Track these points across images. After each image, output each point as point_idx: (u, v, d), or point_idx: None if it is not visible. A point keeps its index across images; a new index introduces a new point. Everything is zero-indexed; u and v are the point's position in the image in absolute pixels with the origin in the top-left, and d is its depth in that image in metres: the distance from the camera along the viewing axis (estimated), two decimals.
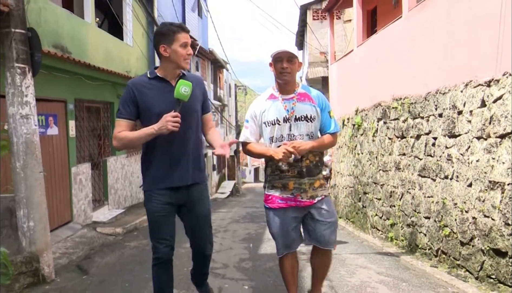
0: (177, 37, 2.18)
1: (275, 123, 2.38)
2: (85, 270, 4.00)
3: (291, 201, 2.37)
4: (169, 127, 2.06)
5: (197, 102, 2.30)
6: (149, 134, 2.13)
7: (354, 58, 7.71)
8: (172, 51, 2.18)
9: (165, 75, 2.25)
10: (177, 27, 2.22)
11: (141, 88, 2.21)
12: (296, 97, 2.39)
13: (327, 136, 2.42)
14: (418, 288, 3.18)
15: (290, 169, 2.36)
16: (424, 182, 4.38)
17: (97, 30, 7.48)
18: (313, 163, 2.39)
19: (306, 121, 2.36)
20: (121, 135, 2.21)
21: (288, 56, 2.35)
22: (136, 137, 2.19)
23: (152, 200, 2.24)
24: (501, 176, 3.09)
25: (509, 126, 3.03)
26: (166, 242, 2.24)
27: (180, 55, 2.18)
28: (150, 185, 2.26)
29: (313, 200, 2.37)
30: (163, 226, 2.26)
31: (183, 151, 2.24)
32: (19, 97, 3.55)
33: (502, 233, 3.05)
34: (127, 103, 2.22)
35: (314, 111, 2.38)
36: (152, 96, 2.20)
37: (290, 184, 2.36)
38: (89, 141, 7.19)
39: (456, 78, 3.83)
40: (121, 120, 2.22)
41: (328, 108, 2.44)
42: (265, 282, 3.39)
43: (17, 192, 3.57)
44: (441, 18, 4.18)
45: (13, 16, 3.50)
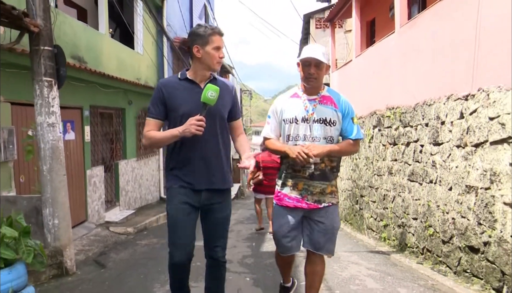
0: (211, 40, 2.18)
1: (292, 121, 2.36)
2: (103, 264, 4.41)
3: (298, 201, 2.35)
4: (193, 131, 2.06)
5: (225, 108, 2.28)
6: (173, 136, 2.14)
7: (353, 67, 8.09)
8: (204, 52, 2.18)
9: (195, 77, 2.25)
10: (212, 29, 2.21)
11: (170, 89, 2.23)
12: (319, 99, 2.36)
13: (347, 142, 2.37)
14: (401, 281, 3.55)
15: (302, 170, 2.34)
16: (413, 185, 4.74)
17: (110, 41, 7.94)
18: (328, 168, 2.36)
19: (325, 124, 2.33)
20: (149, 134, 2.23)
21: (316, 62, 2.30)
22: (161, 138, 2.21)
23: (173, 198, 2.22)
24: (475, 181, 3.45)
25: (482, 136, 3.39)
26: (183, 247, 2.19)
27: (212, 57, 2.18)
28: (172, 183, 2.26)
29: (319, 204, 2.35)
30: (182, 228, 2.20)
31: (207, 155, 2.21)
32: (46, 108, 3.98)
33: (476, 232, 3.41)
34: (156, 103, 2.24)
35: (335, 116, 2.34)
36: (179, 97, 2.21)
37: (300, 184, 2.35)
38: (102, 146, 7.63)
39: (440, 92, 4.20)
40: (151, 119, 2.24)
41: (351, 114, 2.38)
42: (265, 275, 3.78)
43: (44, 192, 4.00)
44: (428, 37, 4.56)
45: (42, 36, 3.94)
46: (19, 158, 4.74)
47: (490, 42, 3.39)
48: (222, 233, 2.32)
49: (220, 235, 2.31)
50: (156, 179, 10.20)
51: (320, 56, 2.29)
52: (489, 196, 3.25)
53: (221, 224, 2.31)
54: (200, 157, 2.21)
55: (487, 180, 3.28)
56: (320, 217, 2.36)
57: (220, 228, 2.31)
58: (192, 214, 2.23)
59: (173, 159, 2.26)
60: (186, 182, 2.21)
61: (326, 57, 2.32)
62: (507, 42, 3.16)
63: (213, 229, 2.29)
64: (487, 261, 3.24)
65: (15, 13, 3.52)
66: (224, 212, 2.32)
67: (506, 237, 3.03)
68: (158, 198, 10.16)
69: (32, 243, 2.68)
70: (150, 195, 9.80)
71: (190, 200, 2.21)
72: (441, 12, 4.29)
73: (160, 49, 10.29)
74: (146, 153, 9.59)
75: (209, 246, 2.30)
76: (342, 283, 3.44)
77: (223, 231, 2.34)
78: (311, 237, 2.38)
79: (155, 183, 10.15)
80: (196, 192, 2.22)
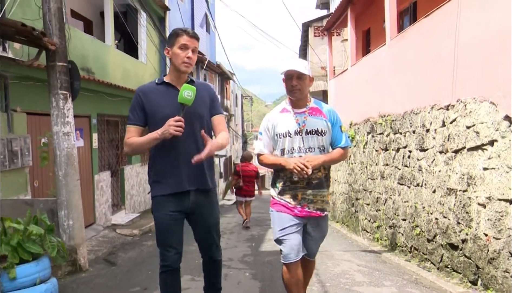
0: (177, 40, 2.18)
1: (286, 135, 2.42)
2: (113, 262, 4.73)
3: (298, 210, 2.40)
4: (171, 131, 2.05)
5: (204, 106, 2.27)
6: (153, 139, 2.13)
7: (349, 76, 8.44)
8: (172, 53, 2.19)
9: (171, 80, 2.25)
10: (181, 30, 2.22)
11: (147, 94, 2.23)
12: (308, 112, 2.43)
13: (338, 150, 2.46)
14: (387, 275, 3.86)
15: (300, 181, 2.40)
16: (402, 189, 5.06)
17: (116, 52, 8.31)
18: (323, 175, 2.44)
19: (317, 135, 2.40)
20: (130, 141, 2.22)
21: (297, 74, 2.36)
22: (142, 142, 2.19)
23: (159, 207, 2.23)
24: (455, 184, 3.78)
25: (460, 143, 3.72)
26: (174, 250, 2.22)
27: (177, 57, 2.17)
28: (157, 191, 2.25)
29: (322, 213, 2.42)
30: (171, 234, 2.22)
31: (188, 156, 2.15)
32: (62, 118, 4.33)
33: (455, 230, 3.73)
34: (135, 109, 2.24)
35: (325, 126, 2.42)
36: (157, 101, 2.20)
37: (299, 195, 2.40)
38: (109, 152, 7.98)
39: (425, 101, 4.53)
40: (131, 126, 2.24)
41: (339, 123, 2.48)
42: (263, 271, 4.10)
43: (59, 195, 4.33)
44: (414, 50, 4.91)
45: (58, 53, 4.29)
46: (34, 164, 5.08)
47: (466, 58, 3.73)
48: (214, 237, 2.35)
49: (213, 240, 2.34)
50: None
51: (300, 69, 2.36)
52: (466, 198, 3.57)
53: (213, 228, 2.33)
54: (181, 159, 2.19)
55: (465, 183, 3.60)
56: (315, 227, 2.46)
57: (212, 233, 2.33)
58: (180, 220, 2.25)
59: (155, 166, 2.26)
60: (170, 186, 2.20)
61: (307, 70, 2.40)
62: (480, 58, 3.49)
63: (206, 235, 2.31)
64: (465, 256, 3.56)
65: (35, 34, 3.88)
66: (213, 217, 2.33)
67: (479, 234, 3.35)
68: None
69: (55, 240, 3.01)
70: None
71: (176, 207, 2.21)
72: (425, 28, 4.64)
73: (162, 58, 10.67)
74: None
75: (205, 248, 2.35)
76: (333, 277, 3.75)
77: (216, 234, 2.35)
78: (306, 244, 2.47)
79: None
80: (182, 196, 2.21)
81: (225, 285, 2.38)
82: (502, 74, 3.16)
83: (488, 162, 3.26)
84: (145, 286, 3.58)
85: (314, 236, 2.48)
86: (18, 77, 4.85)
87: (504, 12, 3.13)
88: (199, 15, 15.08)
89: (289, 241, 2.39)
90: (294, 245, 2.38)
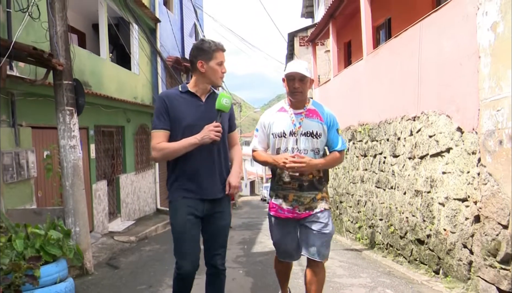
0: (215, 55, 2.24)
1: (281, 135, 2.43)
2: (115, 266, 5.12)
3: (289, 212, 2.43)
4: (212, 136, 2.13)
5: (225, 120, 2.34)
6: (192, 144, 2.18)
7: (331, 86, 8.99)
8: (209, 67, 2.24)
9: (196, 90, 2.30)
10: (216, 45, 2.27)
11: (172, 100, 2.25)
12: (305, 113, 2.43)
13: (334, 154, 2.46)
14: (364, 269, 4.35)
15: (292, 181, 2.40)
16: (379, 191, 5.58)
17: (110, 65, 8.70)
18: (316, 178, 2.43)
19: (311, 137, 2.40)
20: (161, 146, 2.22)
21: (300, 76, 2.38)
22: (179, 148, 2.20)
23: (178, 211, 2.25)
24: (421, 186, 4.30)
25: (424, 150, 4.25)
26: (190, 258, 2.23)
27: (216, 72, 2.25)
28: (176, 196, 2.28)
29: (311, 211, 2.41)
30: (188, 239, 2.23)
31: (210, 165, 2.25)
32: (68, 132, 4.72)
33: (421, 227, 4.25)
34: (162, 114, 2.24)
35: (320, 128, 2.42)
36: (182, 109, 2.24)
37: (290, 196, 2.42)
38: (105, 161, 8.34)
39: (397, 112, 5.07)
40: (158, 131, 2.24)
41: (336, 126, 2.48)
42: (255, 269, 4.54)
43: (66, 204, 4.71)
44: (386, 66, 5.46)
45: (64, 72, 4.69)
46: (38, 175, 5.45)
47: (427, 76, 4.27)
48: (222, 242, 2.37)
49: (220, 244, 2.36)
50: (152, 191, 10.88)
51: (303, 71, 2.38)
52: (429, 198, 4.10)
53: (222, 232, 2.35)
54: (206, 166, 2.25)
55: (428, 185, 4.12)
56: (313, 222, 2.41)
57: (221, 236, 2.35)
58: (197, 225, 2.28)
59: (176, 171, 2.28)
60: (190, 191, 2.24)
61: (309, 72, 2.44)
62: (437, 77, 4.03)
63: (214, 237, 2.33)
64: (429, 250, 4.08)
65: (45, 56, 4.29)
66: (225, 220, 2.37)
67: (440, 229, 3.87)
68: (154, 209, 10.84)
69: (71, 243, 3.41)
70: (148, 206, 10.48)
71: (194, 211, 2.25)
72: (394, 48, 5.19)
73: (154, 69, 11.07)
74: (143, 167, 10.29)
75: (210, 254, 2.35)
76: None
77: (224, 239, 2.38)
78: (307, 242, 2.42)
79: (152, 195, 10.83)
80: (200, 202, 2.26)
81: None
82: (454, 92, 3.70)
83: (446, 166, 3.79)
84: (150, 284, 3.99)
85: (314, 230, 2.41)
86: (23, 94, 5.23)
87: (454, 39, 3.68)
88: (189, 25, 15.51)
89: (283, 246, 2.49)
90: (289, 250, 2.47)
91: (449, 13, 3.77)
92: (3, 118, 4.89)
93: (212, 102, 2.27)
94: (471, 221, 3.35)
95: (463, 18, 3.46)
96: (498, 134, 2.98)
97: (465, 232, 3.43)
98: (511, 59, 2.82)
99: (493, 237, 3.02)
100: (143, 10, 9.83)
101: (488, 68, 3.10)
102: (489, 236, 3.06)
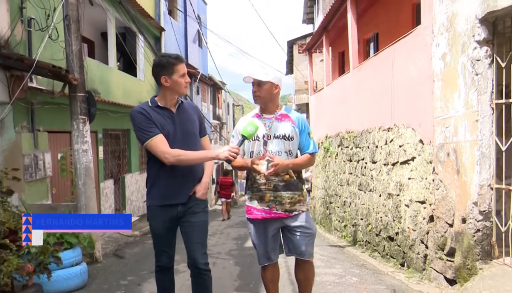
0: (176, 69, 2.34)
1: (255, 139, 2.48)
2: (121, 256, 5.71)
3: (266, 213, 2.47)
4: (226, 155, 2.24)
5: (194, 125, 2.48)
6: (210, 157, 2.36)
7: (325, 94, 9.56)
8: (172, 81, 2.34)
9: (165, 103, 2.41)
10: (175, 59, 2.36)
11: (149, 112, 2.36)
12: (276, 118, 2.52)
13: (305, 156, 2.53)
14: (341, 262, 4.91)
15: (267, 183, 2.46)
16: (360, 193, 6.15)
17: (118, 73, 9.32)
18: (293, 178, 2.48)
19: (284, 139, 2.47)
20: (177, 152, 2.30)
21: (257, 81, 2.46)
22: (195, 158, 2.37)
23: (156, 216, 2.42)
24: (392, 189, 4.86)
25: (395, 158, 4.81)
26: (166, 253, 2.47)
27: (180, 84, 2.36)
28: (154, 201, 2.43)
29: (290, 213, 2.46)
30: (164, 240, 2.44)
31: (187, 171, 2.37)
32: (81, 138, 5.32)
33: (392, 226, 4.81)
34: (148, 123, 2.32)
35: (293, 131, 2.48)
36: (158, 121, 2.35)
37: (266, 197, 2.46)
38: (112, 162, 8.96)
39: (376, 123, 5.63)
40: (156, 137, 2.30)
41: (307, 130, 2.54)
42: (244, 260, 5.12)
43: (79, 201, 5.31)
44: (368, 81, 6.02)
45: (78, 86, 5.30)
46: (52, 175, 6.06)
47: (398, 92, 4.82)
48: (198, 238, 2.42)
49: (196, 240, 2.41)
50: None
51: (259, 76, 2.45)
52: (398, 200, 4.65)
53: (198, 230, 2.42)
54: (183, 173, 2.38)
55: (398, 189, 4.68)
56: (295, 224, 2.48)
57: (198, 234, 2.42)
58: (172, 228, 2.46)
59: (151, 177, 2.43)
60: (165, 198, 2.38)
61: (271, 76, 2.46)
62: (406, 94, 4.59)
63: (190, 234, 2.42)
64: (397, 245, 4.64)
65: (63, 73, 4.90)
66: (199, 218, 2.44)
67: (405, 227, 4.43)
68: None
69: (86, 233, 4.01)
70: None
71: (169, 217, 2.41)
72: (374, 64, 5.75)
73: None
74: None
75: (189, 252, 2.42)
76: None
77: (199, 235, 2.43)
78: (293, 244, 2.49)
79: None
80: (174, 207, 2.40)
81: (213, 270, 2.55)
82: (417, 109, 4.26)
83: (411, 173, 4.35)
84: (151, 270, 4.54)
85: (297, 231, 2.48)
86: (41, 102, 5.85)
87: (417, 64, 4.24)
88: (192, 32, 16.12)
89: (260, 248, 2.57)
90: (266, 252, 2.54)
91: (413, 41, 4.33)
92: (24, 125, 5.51)
93: (182, 112, 2.44)
94: (427, 220, 3.91)
95: (423, 46, 4.01)
96: (447, 148, 3.54)
97: (423, 230, 3.99)
98: (456, 85, 3.38)
99: (442, 234, 3.58)
100: (149, 20, 10.44)
101: (439, 91, 3.66)
102: (439, 233, 3.62)
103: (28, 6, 5.45)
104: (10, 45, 5.08)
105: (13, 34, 5.15)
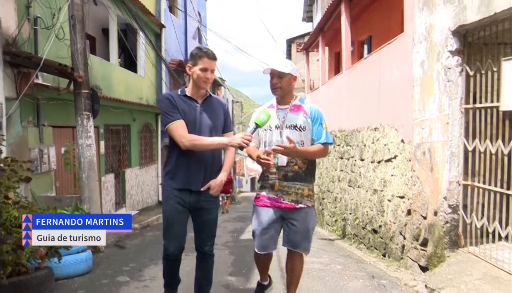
0: (200, 61, 2.42)
1: (267, 129, 2.56)
2: (122, 246, 6.03)
3: (275, 201, 2.53)
4: (239, 142, 2.30)
5: (218, 120, 2.54)
6: (221, 144, 2.42)
7: (320, 93, 9.85)
8: (193, 72, 2.45)
9: (192, 94, 2.51)
10: (203, 52, 2.43)
11: (176, 99, 2.47)
12: (290, 108, 2.56)
13: (317, 145, 2.53)
14: (328, 253, 5.24)
15: (277, 172, 2.53)
16: (350, 189, 6.47)
17: (119, 69, 9.59)
18: (302, 170, 2.51)
19: (295, 130, 2.50)
20: (192, 137, 2.39)
21: (276, 73, 2.51)
22: (208, 143, 2.41)
23: (169, 198, 2.49)
24: (377, 186, 5.18)
25: (381, 156, 5.12)
26: (176, 240, 2.50)
27: (198, 77, 2.43)
28: (167, 184, 2.52)
29: (296, 204, 2.49)
30: (176, 225, 2.48)
31: (203, 160, 2.45)
32: (85, 133, 5.62)
33: (376, 219, 5.13)
34: (172, 108, 2.42)
35: (305, 122, 2.51)
36: (183, 108, 2.45)
37: (276, 185, 2.53)
38: (112, 156, 9.25)
39: (364, 123, 5.94)
40: (177, 122, 2.40)
41: (321, 120, 2.56)
42: (239, 251, 5.44)
43: (83, 193, 5.62)
44: (359, 82, 6.32)
45: (83, 83, 5.59)
46: (57, 168, 6.36)
47: (384, 95, 5.13)
48: (210, 233, 2.61)
49: (208, 235, 2.60)
50: (155, 184, 11.80)
51: (280, 67, 2.50)
52: (382, 195, 4.97)
53: (209, 225, 2.58)
54: (195, 162, 2.46)
55: (382, 185, 5.00)
56: (295, 219, 2.52)
57: (208, 228, 2.58)
58: (184, 213, 2.52)
59: (171, 162, 2.52)
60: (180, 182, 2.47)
61: (290, 68, 2.53)
62: (390, 96, 4.89)
63: (203, 229, 2.57)
64: (380, 238, 4.96)
65: (68, 71, 5.19)
66: (211, 215, 2.58)
67: (387, 221, 4.75)
68: (156, 201, 11.77)
69: None
70: (150, 198, 11.40)
71: (182, 201, 2.48)
72: (364, 67, 6.05)
73: (158, 72, 11.94)
74: (147, 162, 11.20)
75: (199, 242, 2.59)
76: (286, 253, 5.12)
77: (210, 230, 2.61)
78: (289, 237, 2.56)
79: (154, 188, 11.75)
80: (187, 192, 2.48)
81: None
82: (399, 110, 4.57)
83: (393, 170, 4.66)
84: (151, 258, 4.90)
85: (296, 227, 2.53)
86: (46, 98, 6.14)
87: (400, 68, 4.54)
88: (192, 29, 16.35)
89: (259, 237, 2.61)
90: (264, 240, 2.59)
91: (397, 47, 4.63)
92: (30, 120, 5.80)
93: (208, 105, 2.53)
94: (405, 214, 4.23)
95: (405, 53, 4.32)
96: (423, 147, 3.85)
97: (402, 223, 4.31)
98: (432, 90, 3.69)
99: (417, 225, 3.90)
100: (149, 18, 10.69)
101: (418, 95, 3.97)
102: (415, 225, 3.95)
103: (34, 5, 5.72)
104: (18, 43, 5.36)
105: (20, 33, 5.43)
